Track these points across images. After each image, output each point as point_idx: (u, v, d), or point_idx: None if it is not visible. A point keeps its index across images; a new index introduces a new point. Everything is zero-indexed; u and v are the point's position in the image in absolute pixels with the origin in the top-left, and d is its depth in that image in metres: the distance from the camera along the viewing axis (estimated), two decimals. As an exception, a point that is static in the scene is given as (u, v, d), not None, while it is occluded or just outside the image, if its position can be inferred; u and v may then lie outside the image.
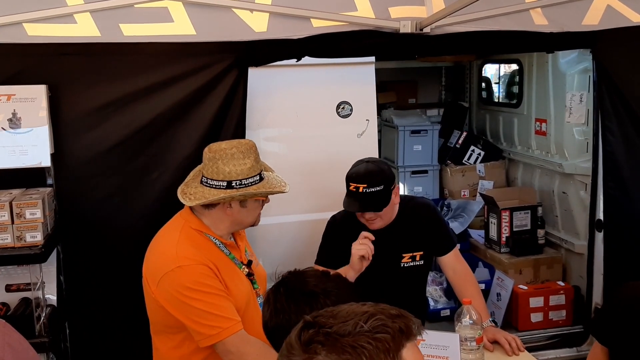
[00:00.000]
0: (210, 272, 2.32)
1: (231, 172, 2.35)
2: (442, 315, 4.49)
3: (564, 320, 4.36)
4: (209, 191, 2.37)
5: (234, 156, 2.36)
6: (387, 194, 2.89)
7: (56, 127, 3.03)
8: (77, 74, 3.06)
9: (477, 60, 6.09)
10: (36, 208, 2.80)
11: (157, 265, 2.35)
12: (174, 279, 2.27)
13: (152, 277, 2.35)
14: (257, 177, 2.41)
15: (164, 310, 2.32)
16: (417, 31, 3.30)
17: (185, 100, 3.15)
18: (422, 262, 3.08)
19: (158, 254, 2.41)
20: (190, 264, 2.29)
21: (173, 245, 2.35)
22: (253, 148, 2.44)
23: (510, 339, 2.82)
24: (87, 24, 3.01)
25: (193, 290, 2.26)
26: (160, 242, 2.46)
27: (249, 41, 3.17)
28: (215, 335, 2.27)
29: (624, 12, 3.65)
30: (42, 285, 2.99)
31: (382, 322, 1.15)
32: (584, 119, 4.56)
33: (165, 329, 2.44)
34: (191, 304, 2.26)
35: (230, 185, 2.35)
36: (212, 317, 2.27)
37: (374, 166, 2.95)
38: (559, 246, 4.83)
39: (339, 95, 3.66)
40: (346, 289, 1.82)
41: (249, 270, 2.53)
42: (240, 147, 2.40)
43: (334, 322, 1.15)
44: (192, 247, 2.36)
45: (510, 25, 3.48)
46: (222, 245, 2.45)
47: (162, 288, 2.30)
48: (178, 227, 2.43)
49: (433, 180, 5.60)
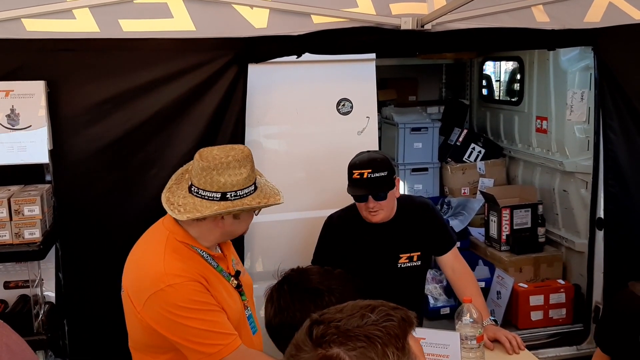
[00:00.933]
0: (202, 288, 2.15)
1: (226, 183, 2.13)
2: (442, 314, 4.49)
3: (564, 318, 4.36)
4: (201, 203, 2.15)
5: (230, 165, 2.14)
6: (391, 180, 2.92)
7: (55, 123, 3.01)
8: (76, 70, 3.05)
9: (477, 58, 6.07)
10: (34, 205, 2.79)
11: (143, 284, 2.15)
12: (165, 299, 2.09)
13: (136, 296, 2.16)
14: (252, 186, 2.20)
15: (150, 329, 2.15)
16: (418, 28, 3.29)
17: (184, 97, 3.13)
18: (419, 263, 3.08)
19: (143, 270, 2.20)
20: (181, 282, 2.11)
21: (159, 261, 2.15)
22: (250, 156, 2.22)
23: (511, 337, 2.81)
24: (86, 19, 3.00)
25: (187, 309, 2.10)
26: (143, 256, 2.26)
27: (249, 37, 3.16)
28: (216, 353, 2.11)
29: (626, 10, 3.64)
30: (41, 283, 2.98)
31: (385, 312, 1.19)
32: (585, 116, 4.54)
33: (148, 349, 2.27)
34: (187, 323, 2.10)
35: (225, 196, 2.14)
36: (212, 335, 2.12)
37: (376, 154, 3.02)
38: (560, 244, 4.82)
39: (339, 92, 3.65)
40: (350, 286, 1.81)
41: (237, 282, 2.36)
42: (237, 155, 2.17)
43: (342, 316, 1.18)
44: (179, 261, 2.16)
45: (511, 22, 3.47)
46: (209, 258, 2.27)
47: (150, 308, 2.11)
48: (162, 239, 2.22)
49: (433, 178, 5.59)
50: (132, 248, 2.32)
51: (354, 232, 3.04)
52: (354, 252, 3.02)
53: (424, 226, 3.08)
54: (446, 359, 2.40)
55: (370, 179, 2.87)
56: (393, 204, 3.00)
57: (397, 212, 3.02)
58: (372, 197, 2.89)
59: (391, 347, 1.13)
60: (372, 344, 1.12)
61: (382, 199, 2.90)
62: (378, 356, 1.12)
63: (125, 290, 2.24)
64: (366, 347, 1.12)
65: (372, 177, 2.87)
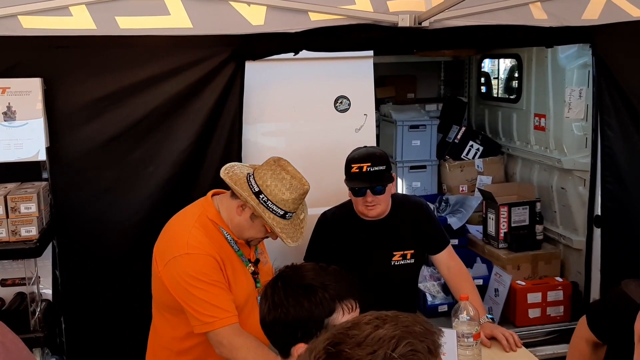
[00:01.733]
0: (215, 264, 2.37)
1: (270, 188, 2.36)
2: (439, 311, 4.48)
3: (562, 316, 4.35)
4: (243, 183, 2.39)
5: (286, 183, 2.37)
6: (389, 174, 2.95)
7: (51, 120, 3.01)
8: (73, 67, 3.05)
9: (476, 55, 6.06)
10: (31, 202, 2.79)
11: (168, 248, 2.42)
12: (180, 265, 2.34)
13: (161, 258, 2.41)
14: (282, 211, 2.38)
15: (167, 290, 2.38)
16: (415, 25, 3.29)
17: (181, 94, 3.13)
18: (412, 261, 3.10)
19: (170, 236, 2.47)
20: (198, 253, 2.35)
21: (186, 231, 2.40)
22: (304, 195, 2.44)
23: (508, 335, 2.81)
24: (82, 16, 2.99)
25: (196, 279, 2.32)
26: (175, 225, 2.51)
27: (246, 35, 3.15)
28: (209, 323, 2.32)
29: (624, 7, 3.62)
30: (37, 280, 2.98)
31: (411, 347, 1.07)
32: (583, 114, 4.53)
33: (165, 308, 2.51)
34: (192, 291, 2.32)
35: (258, 195, 2.36)
36: (209, 307, 2.32)
37: (374, 149, 3.07)
38: (557, 242, 4.82)
39: (337, 90, 3.64)
40: (344, 282, 1.81)
41: (254, 268, 2.54)
42: (298, 185, 2.39)
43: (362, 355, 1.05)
44: (204, 236, 2.40)
45: (509, 19, 3.46)
46: (232, 241, 2.48)
47: (168, 271, 2.36)
48: (196, 213, 2.47)
49: (431, 176, 5.58)
50: (169, 220, 2.55)
51: (348, 229, 3.05)
52: (348, 249, 3.03)
53: (418, 225, 3.10)
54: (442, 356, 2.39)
55: (369, 172, 2.89)
56: (389, 199, 3.02)
57: (391, 210, 3.04)
58: (370, 190, 2.90)
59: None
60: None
61: (381, 192, 2.92)
62: None
63: (154, 254, 2.48)
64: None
65: (371, 170, 2.89)
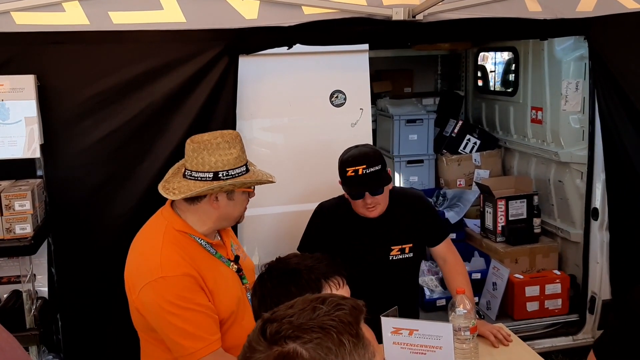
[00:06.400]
0: (193, 284, 2.18)
1: (217, 162, 2.21)
2: (437, 305, 4.48)
3: (560, 309, 4.35)
4: (194, 184, 2.21)
5: (220, 146, 2.22)
6: (385, 173, 2.86)
7: (45, 117, 2.99)
8: (66, 63, 3.03)
9: (472, 49, 6.05)
10: (25, 200, 2.78)
11: (139, 274, 2.21)
12: (155, 290, 2.14)
13: (133, 285, 2.22)
14: (243, 167, 2.27)
15: (145, 319, 2.22)
16: (409, 18, 3.27)
17: (175, 89, 3.12)
18: (411, 255, 3.02)
19: (140, 260, 2.26)
20: (173, 275, 2.15)
21: (157, 252, 2.19)
22: (238, 138, 2.30)
23: (495, 331, 2.75)
24: (75, 12, 2.98)
25: (173, 305, 2.13)
26: (142, 245, 2.31)
27: (240, 29, 3.14)
28: (191, 354, 2.15)
29: (619, -2, 3.62)
30: (33, 278, 2.97)
31: (336, 302, 1.20)
32: (579, 106, 4.53)
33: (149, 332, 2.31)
34: (170, 319, 2.14)
35: (217, 176, 2.21)
36: (189, 336, 2.15)
37: (366, 148, 2.93)
38: (555, 235, 4.82)
39: (332, 84, 3.63)
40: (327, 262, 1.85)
41: (237, 266, 2.41)
42: (225, 137, 2.25)
43: (294, 311, 1.18)
44: (176, 253, 2.20)
45: (503, 12, 3.45)
46: (208, 246, 2.31)
47: (143, 298, 2.17)
48: (160, 229, 2.27)
49: (429, 170, 5.58)
50: (134, 239, 2.36)
51: (345, 223, 2.99)
52: (344, 244, 2.98)
53: (417, 217, 3.03)
54: (439, 350, 2.38)
55: (366, 174, 2.78)
56: (387, 196, 2.96)
57: (388, 204, 2.96)
58: (369, 193, 2.82)
59: (346, 334, 1.14)
60: (327, 334, 1.13)
61: (380, 193, 2.84)
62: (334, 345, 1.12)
63: (126, 282, 2.29)
64: (322, 337, 1.12)
65: (368, 172, 2.78)
